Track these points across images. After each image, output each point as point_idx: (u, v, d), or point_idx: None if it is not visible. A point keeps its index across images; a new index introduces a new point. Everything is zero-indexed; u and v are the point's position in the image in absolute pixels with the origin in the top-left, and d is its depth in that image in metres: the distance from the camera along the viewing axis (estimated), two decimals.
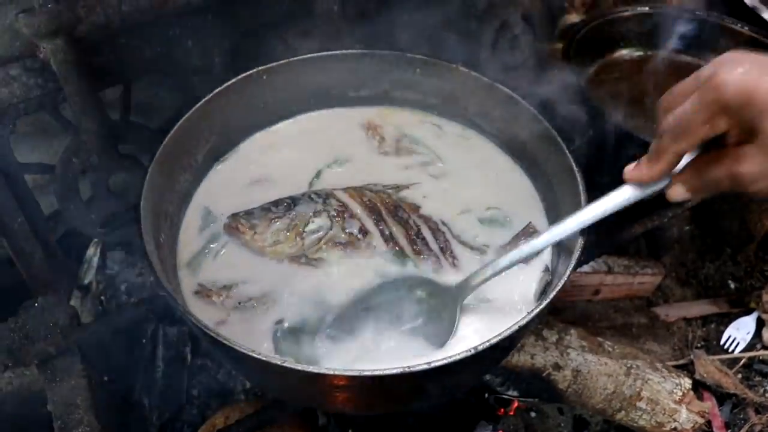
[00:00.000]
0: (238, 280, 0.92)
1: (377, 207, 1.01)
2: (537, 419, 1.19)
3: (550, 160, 1.01)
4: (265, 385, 0.94)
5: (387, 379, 0.69)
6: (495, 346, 0.71)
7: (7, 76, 1.10)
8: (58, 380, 0.98)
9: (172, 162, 0.98)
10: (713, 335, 1.37)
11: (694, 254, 1.51)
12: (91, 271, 1.30)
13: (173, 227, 0.96)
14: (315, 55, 1.14)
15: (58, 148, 1.27)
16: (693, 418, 1.08)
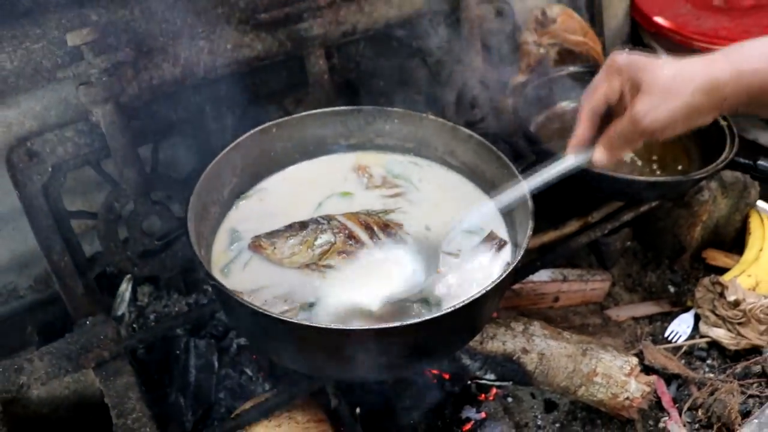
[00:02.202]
0: (263, 285, 1.14)
1: (370, 225, 1.24)
2: (513, 403, 1.40)
3: (505, 182, 1.27)
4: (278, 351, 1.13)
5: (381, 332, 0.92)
6: (475, 302, 0.94)
7: (63, 137, 1.34)
8: (112, 379, 1.18)
9: (204, 197, 1.21)
10: (658, 331, 1.60)
11: (638, 266, 1.77)
12: (123, 304, 1.50)
13: (208, 245, 1.19)
14: (314, 112, 1.39)
15: (96, 199, 1.51)
16: (641, 388, 1.30)
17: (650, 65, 0.95)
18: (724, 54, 0.93)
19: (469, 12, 1.79)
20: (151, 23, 1.36)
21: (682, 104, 0.91)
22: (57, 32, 1.25)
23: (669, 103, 0.92)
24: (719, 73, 0.90)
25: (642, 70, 0.94)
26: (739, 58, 0.91)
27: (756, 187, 1.73)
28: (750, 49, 0.92)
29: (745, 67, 0.90)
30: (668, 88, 0.92)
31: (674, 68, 0.93)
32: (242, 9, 1.47)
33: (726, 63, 0.91)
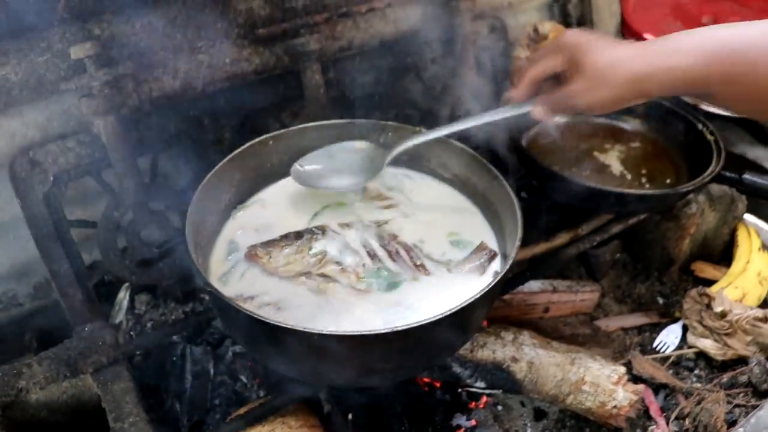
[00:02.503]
0: (259, 293, 1.17)
1: (365, 235, 1.28)
2: (503, 411, 1.42)
3: (495, 195, 1.29)
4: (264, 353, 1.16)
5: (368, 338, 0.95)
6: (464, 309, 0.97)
7: (65, 147, 1.38)
8: (109, 384, 1.20)
9: (202, 207, 1.24)
10: (647, 341, 1.63)
11: (627, 277, 1.80)
12: (121, 312, 1.52)
13: (205, 255, 1.22)
14: (310, 125, 1.42)
15: (95, 208, 1.54)
16: (628, 397, 1.32)
17: (592, 50, 1.03)
18: (657, 47, 0.99)
19: (463, 28, 1.84)
20: (152, 37, 1.39)
21: (609, 92, 1.01)
22: (61, 46, 1.29)
23: (599, 90, 1.02)
24: (643, 69, 0.98)
25: (584, 53, 1.03)
26: (661, 54, 0.97)
27: (743, 200, 1.77)
28: (675, 44, 0.98)
29: (668, 63, 0.96)
30: (601, 76, 1.01)
31: (610, 58, 1.01)
32: (241, 24, 1.51)
33: (649, 59, 0.98)
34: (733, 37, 0.93)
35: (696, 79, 0.95)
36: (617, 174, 1.69)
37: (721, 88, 0.95)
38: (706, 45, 0.94)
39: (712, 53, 0.93)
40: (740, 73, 0.91)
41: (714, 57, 0.93)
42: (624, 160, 1.73)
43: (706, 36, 0.96)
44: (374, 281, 1.19)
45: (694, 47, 0.94)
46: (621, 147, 1.78)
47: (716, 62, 0.93)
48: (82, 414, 1.27)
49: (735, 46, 0.92)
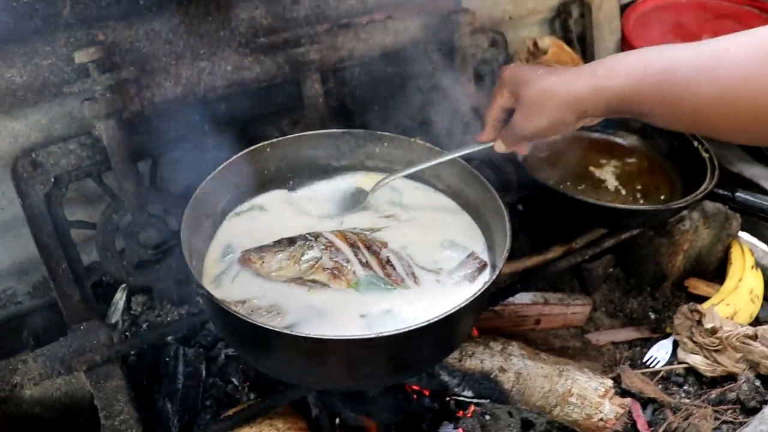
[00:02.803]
0: (251, 297, 1.18)
1: (356, 243, 1.29)
2: (491, 421, 1.43)
3: (486, 206, 1.31)
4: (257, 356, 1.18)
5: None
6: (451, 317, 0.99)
7: (67, 149, 1.40)
8: (102, 382, 1.22)
9: (198, 210, 1.26)
10: (638, 356, 1.64)
11: (620, 292, 1.81)
12: (117, 312, 1.54)
13: (200, 257, 1.24)
14: (307, 133, 1.45)
15: (95, 210, 1.57)
16: (615, 410, 1.33)
17: (527, 80, 1.08)
18: (590, 70, 1.03)
19: (462, 41, 1.86)
20: (155, 44, 1.42)
21: (547, 117, 1.06)
22: (65, 50, 1.32)
23: (535, 117, 1.08)
24: (579, 90, 1.01)
25: (520, 85, 1.09)
26: (598, 74, 1.01)
27: (737, 218, 1.78)
28: (610, 65, 1.00)
29: (601, 84, 0.99)
30: (536, 103, 1.07)
31: (544, 84, 1.05)
32: (243, 33, 1.54)
33: (586, 79, 1.02)
34: (664, 58, 0.94)
35: (628, 99, 0.98)
36: (612, 189, 1.71)
37: (654, 107, 0.96)
38: (637, 66, 0.96)
39: (644, 74, 0.95)
40: (672, 92, 0.92)
41: (645, 77, 0.95)
42: (619, 176, 1.75)
43: (639, 57, 0.98)
44: (364, 288, 1.20)
45: (626, 68, 0.97)
46: (617, 162, 1.80)
47: (648, 82, 0.95)
48: (75, 411, 1.29)
49: (666, 66, 0.93)
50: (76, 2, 1.27)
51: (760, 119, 0.88)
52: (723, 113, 0.90)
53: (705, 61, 0.90)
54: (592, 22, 2.22)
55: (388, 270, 1.24)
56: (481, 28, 2.05)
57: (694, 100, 0.91)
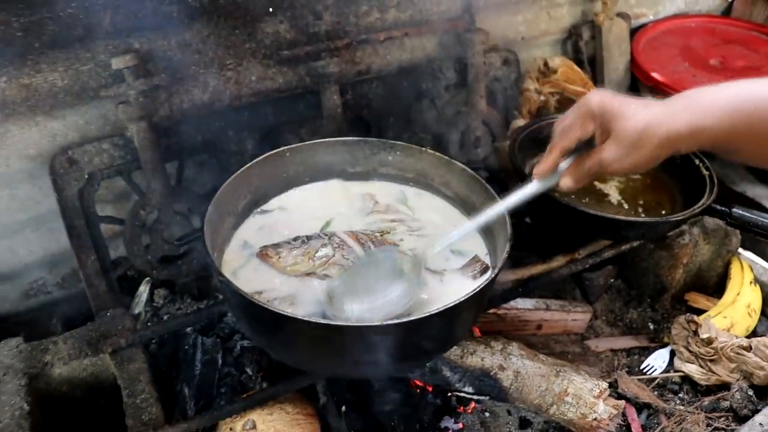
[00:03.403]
0: (267, 288, 1.27)
1: (367, 242, 1.38)
2: (490, 418, 1.50)
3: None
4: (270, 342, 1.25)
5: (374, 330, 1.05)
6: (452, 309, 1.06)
7: (100, 148, 1.51)
8: (125, 364, 1.31)
9: (221, 207, 1.35)
10: (635, 363, 1.69)
11: (621, 302, 1.87)
12: (140, 304, 1.63)
13: (221, 251, 1.33)
14: (324, 140, 1.53)
15: (124, 207, 1.67)
16: (609, 410, 1.39)
17: (621, 115, 1.04)
18: (685, 106, 1.02)
19: (475, 59, 1.95)
20: (186, 53, 1.53)
21: (645, 156, 1.04)
22: (104, 57, 1.43)
23: (634, 155, 1.04)
24: (678, 130, 1.00)
25: (613, 120, 1.05)
26: (695, 113, 1.00)
27: (737, 235, 1.83)
28: (704, 103, 1.01)
29: (698, 123, 0.99)
30: (635, 142, 1.03)
31: (642, 122, 1.02)
32: (267, 46, 1.64)
33: (685, 119, 1.00)
34: (754, 95, 0.97)
35: (722, 138, 0.99)
36: (615, 203, 1.78)
37: (744, 145, 1.00)
38: (730, 105, 0.98)
39: (737, 113, 0.97)
40: (763, 129, 0.96)
41: (739, 117, 0.97)
42: (623, 191, 1.82)
43: (731, 94, 1.00)
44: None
45: (720, 108, 0.98)
46: (621, 178, 1.86)
47: (742, 122, 0.97)
48: (99, 391, 1.37)
49: (759, 105, 0.95)
50: (116, 13, 1.38)
51: None
52: None
53: None
54: (602, 43, 2.30)
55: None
56: (494, 47, 2.14)
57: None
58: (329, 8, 1.72)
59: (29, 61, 1.35)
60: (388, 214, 1.50)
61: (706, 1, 2.67)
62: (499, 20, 2.15)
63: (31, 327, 1.65)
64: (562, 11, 2.29)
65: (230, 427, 1.23)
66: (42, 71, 1.38)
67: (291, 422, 1.24)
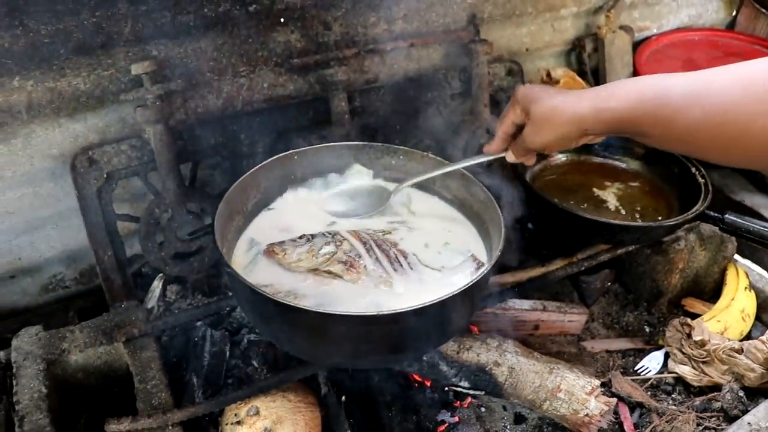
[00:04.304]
0: (273, 282, 1.34)
1: (369, 241, 1.44)
2: (486, 413, 1.55)
3: (487, 214, 1.45)
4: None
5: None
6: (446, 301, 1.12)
7: (119, 149, 1.59)
8: (138, 352, 1.38)
9: (231, 205, 1.42)
10: (630, 365, 1.74)
11: (618, 306, 1.92)
12: (154, 299, 1.71)
13: (230, 247, 1.40)
14: (331, 145, 1.60)
15: (139, 206, 1.75)
16: (600, 406, 1.44)
17: (537, 98, 1.20)
18: (595, 92, 1.15)
19: (480, 69, 2.02)
20: (201, 60, 1.61)
21: (553, 132, 1.19)
22: (124, 63, 1.52)
23: (544, 131, 1.21)
24: (582, 110, 1.14)
25: (531, 102, 1.21)
26: (600, 96, 1.13)
27: (733, 242, 1.88)
28: (612, 89, 1.13)
29: (602, 105, 1.12)
30: (545, 120, 1.19)
31: (552, 103, 1.18)
32: (279, 54, 1.72)
33: (589, 101, 1.14)
34: (660, 84, 1.06)
35: (626, 120, 1.10)
36: (612, 209, 1.83)
37: (649, 128, 1.08)
38: (635, 90, 1.08)
39: (640, 97, 1.07)
40: (665, 115, 1.04)
41: (641, 101, 1.07)
42: (621, 197, 1.87)
43: (637, 83, 1.11)
44: (373, 280, 1.35)
45: (625, 92, 1.10)
46: (619, 185, 1.92)
47: (643, 105, 1.06)
48: (112, 379, 1.45)
49: (660, 92, 1.05)
50: (136, 22, 1.47)
51: (743, 143, 0.99)
52: (710, 136, 1.02)
53: (695, 89, 1.02)
54: (605, 56, 2.36)
55: (395, 266, 1.39)
56: (499, 57, 2.21)
57: (684, 123, 1.02)
58: (338, 19, 1.80)
59: (55, 66, 1.44)
60: (390, 215, 1.57)
61: (709, 15, 2.72)
62: (504, 32, 2.22)
63: (49, 320, 1.73)
64: (566, 23, 2.36)
65: (235, 413, 1.30)
66: (66, 76, 1.47)
67: (293, 409, 1.31)
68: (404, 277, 1.35)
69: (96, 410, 1.43)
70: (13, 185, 1.58)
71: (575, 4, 2.28)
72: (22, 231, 1.67)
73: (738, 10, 2.75)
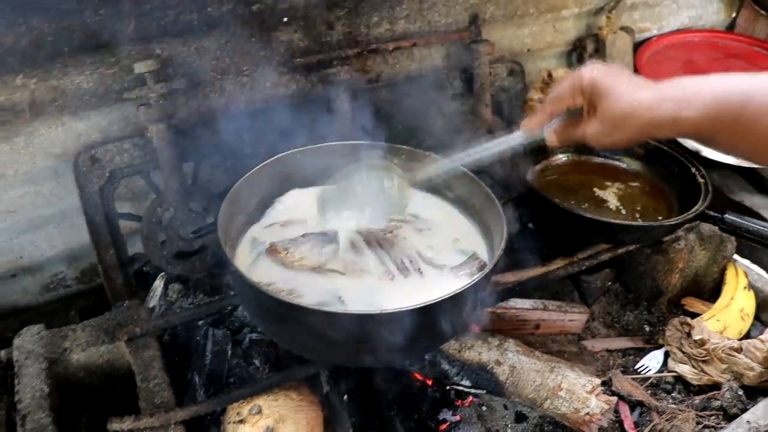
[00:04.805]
0: (276, 281, 1.34)
1: (372, 240, 1.45)
2: (487, 411, 1.56)
3: (489, 214, 1.45)
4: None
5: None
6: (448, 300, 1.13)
7: (122, 148, 1.59)
8: (140, 351, 1.38)
9: (233, 204, 1.42)
10: (630, 364, 1.74)
11: (618, 305, 1.93)
12: (155, 298, 1.71)
13: (232, 246, 1.41)
14: (333, 143, 1.59)
15: (142, 205, 1.75)
16: (600, 405, 1.45)
17: (610, 94, 1.10)
18: (671, 95, 1.06)
19: (481, 69, 2.03)
20: (204, 60, 1.62)
21: (625, 137, 1.12)
22: (127, 61, 1.52)
23: (616, 135, 1.12)
24: (661, 118, 1.06)
25: (602, 98, 1.10)
26: (680, 103, 1.05)
27: (732, 241, 1.89)
28: (688, 93, 1.06)
29: (681, 114, 1.04)
30: (618, 124, 1.10)
31: (628, 106, 1.08)
32: (281, 53, 1.72)
33: (669, 108, 1.05)
34: (739, 92, 1.01)
35: (704, 129, 1.05)
36: (613, 209, 1.84)
37: (724, 137, 1.04)
38: (713, 99, 1.02)
39: (719, 107, 1.01)
40: (744, 125, 1.00)
41: (720, 111, 1.01)
42: (621, 197, 1.88)
43: (716, 87, 1.04)
44: (376, 278, 1.35)
45: (703, 100, 1.03)
46: (620, 185, 1.92)
47: (723, 116, 1.01)
48: (114, 379, 1.44)
49: (740, 100, 1.00)
50: (140, 20, 1.47)
51: None
52: None
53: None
54: (606, 56, 2.36)
55: (398, 265, 1.39)
56: (500, 58, 2.22)
57: (762, 133, 1.00)
58: (341, 19, 1.80)
59: (58, 65, 1.44)
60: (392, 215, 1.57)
61: (709, 17, 2.73)
62: (506, 32, 2.22)
63: (50, 319, 1.73)
64: (567, 24, 2.36)
65: (237, 411, 1.30)
66: (70, 74, 1.47)
67: (295, 408, 1.31)
68: (406, 275, 1.35)
69: (98, 409, 1.43)
70: (15, 184, 1.58)
71: (576, 4, 2.29)
72: (24, 230, 1.67)
73: (738, 11, 2.75)
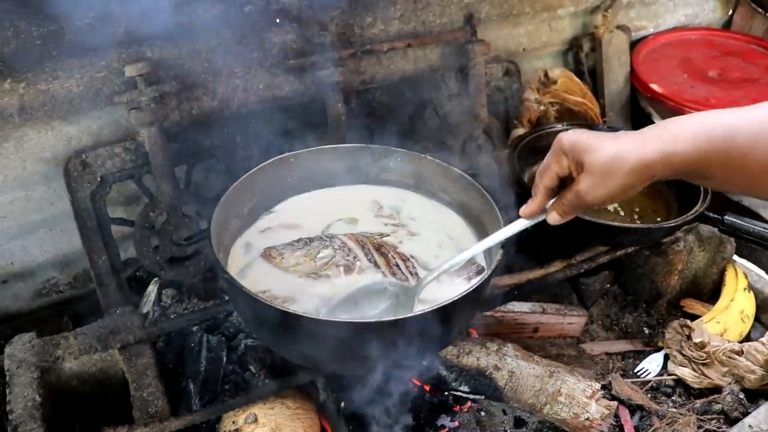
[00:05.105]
0: (270, 287, 1.32)
1: (367, 244, 1.42)
2: (486, 417, 1.54)
3: (486, 217, 1.43)
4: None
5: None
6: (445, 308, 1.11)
7: (113, 152, 1.57)
8: (134, 359, 1.36)
9: (227, 210, 1.40)
10: (630, 367, 1.73)
11: (617, 307, 1.91)
12: (149, 303, 1.68)
13: (226, 251, 1.38)
14: (328, 147, 1.57)
15: (134, 210, 1.73)
16: (601, 410, 1.43)
17: (591, 147, 1.06)
18: (655, 134, 1.04)
19: (477, 70, 2.00)
20: (196, 62, 1.60)
21: (617, 183, 1.05)
22: (117, 64, 1.50)
23: (607, 183, 1.05)
24: (648, 156, 1.02)
25: (584, 152, 1.06)
26: (663, 139, 1.02)
27: (732, 243, 1.87)
28: (672, 129, 1.03)
29: (668, 149, 1.01)
30: (606, 171, 1.04)
31: (611, 151, 1.03)
32: (274, 55, 1.70)
33: (655, 145, 1.02)
34: (725, 123, 0.99)
35: (695, 164, 1.01)
36: (611, 211, 1.83)
37: (717, 171, 1.01)
38: (700, 131, 0.99)
39: (708, 139, 0.99)
40: (734, 158, 0.98)
41: (710, 143, 0.99)
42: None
43: (700, 122, 1.02)
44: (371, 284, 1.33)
45: (692, 133, 1.00)
46: None
47: (713, 147, 0.99)
48: (107, 387, 1.42)
49: (727, 133, 0.98)
50: (129, 23, 1.45)
51: None
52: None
53: (764, 128, 0.96)
54: (603, 55, 2.35)
55: (394, 269, 1.37)
56: (496, 58, 2.20)
57: (754, 166, 0.97)
58: (335, 19, 1.78)
59: (47, 68, 1.42)
60: (389, 218, 1.55)
61: (706, 15, 2.71)
62: (501, 32, 2.20)
63: (43, 325, 1.71)
64: (563, 23, 2.35)
65: (233, 420, 1.28)
66: (59, 78, 1.45)
67: (291, 416, 1.29)
68: (403, 280, 1.33)
69: (91, 419, 1.41)
70: (5, 189, 1.56)
71: (572, 3, 2.27)
72: (15, 235, 1.65)
73: (734, 9, 2.74)
